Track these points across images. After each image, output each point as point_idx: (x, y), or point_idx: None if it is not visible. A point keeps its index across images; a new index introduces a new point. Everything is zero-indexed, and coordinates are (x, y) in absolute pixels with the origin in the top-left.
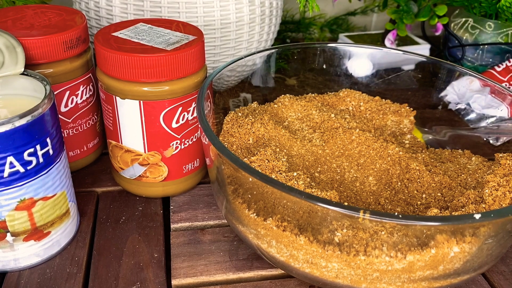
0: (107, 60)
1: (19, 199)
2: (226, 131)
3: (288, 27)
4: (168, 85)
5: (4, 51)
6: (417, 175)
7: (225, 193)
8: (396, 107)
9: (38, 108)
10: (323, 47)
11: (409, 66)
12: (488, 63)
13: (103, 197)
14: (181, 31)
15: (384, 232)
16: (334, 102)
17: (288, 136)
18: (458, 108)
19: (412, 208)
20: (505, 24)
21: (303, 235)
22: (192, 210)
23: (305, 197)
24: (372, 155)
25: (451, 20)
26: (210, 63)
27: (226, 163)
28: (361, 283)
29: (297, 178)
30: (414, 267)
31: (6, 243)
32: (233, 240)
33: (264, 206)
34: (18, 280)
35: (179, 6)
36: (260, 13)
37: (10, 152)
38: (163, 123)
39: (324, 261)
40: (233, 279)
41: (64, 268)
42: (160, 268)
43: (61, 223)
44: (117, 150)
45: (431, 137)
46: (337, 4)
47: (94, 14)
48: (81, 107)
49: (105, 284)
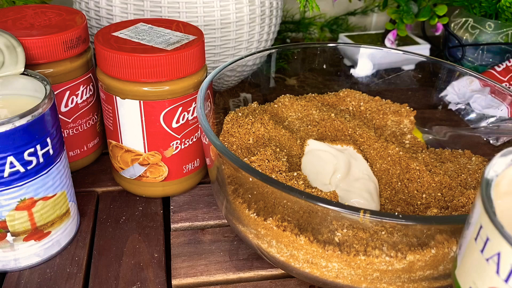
0: (107, 60)
1: (19, 199)
2: (226, 131)
3: (288, 27)
4: (168, 85)
5: (4, 51)
6: (417, 175)
7: (225, 193)
8: (396, 107)
9: (38, 108)
10: (323, 47)
11: (409, 66)
12: (488, 63)
13: (103, 197)
14: (181, 31)
15: (384, 232)
16: (334, 102)
17: (288, 136)
18: (458, 108)
19: (412, 208)
20: (505, 24)
21: (303, 235)
22: (192, 210)
23: (305, 197)
24: (373, 155)
25: (451, 20)
26: (210, 63)
27: (226, 163)
28: (361, 283)
29: (297, 178)
30: (414, 267)
31: (6, 243)
32: (233, 240)
33: (264, 206)
34: (18, 280)
35: (179, 6)
36: (260, 13)
37: (10, 152)
38: (163, 123)
39: (324, 261)
40: (233, 279)
41: (64, 268)
42: (160, 268)
43: (61, 223)
44: (117, 150)
45: (431, 137)
46: (337, 4)
47: (94, 14)
48: (81, 107)
49: (105, 284)
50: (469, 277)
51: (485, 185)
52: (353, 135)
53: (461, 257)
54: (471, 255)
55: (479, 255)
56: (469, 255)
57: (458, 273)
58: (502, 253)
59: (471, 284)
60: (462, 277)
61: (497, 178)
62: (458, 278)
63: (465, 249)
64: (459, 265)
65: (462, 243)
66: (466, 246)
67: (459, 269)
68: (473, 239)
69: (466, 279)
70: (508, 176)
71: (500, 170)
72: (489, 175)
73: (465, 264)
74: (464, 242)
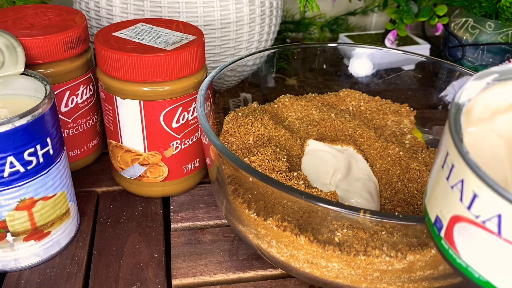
0: (107, 60)
1: (19, 199)
2: (226, 131)
3: (288, 27)
4: (168, 85)
5: (4, 51)
6: (417, 175)
7: (225, 193)
8: (396, 107)
9: (38, 108)
10: (323, 47)
11: (409, 66)
12: (488, 63)
13: (103, 197)
14: (181, 31)
15: (384, 232)
16: (334, 102)
17: (288, 136)
18: None
19: (412, 208)
20: (505, 24)
21: (303, 235)
22: (192, 210)
23: (305, 197)
24: (373, 155)
25: (451, 20)
26: (210, 63)
27: (226, 163)
28: (362, 283)
29: (297, 178)
30: (414, 267)
31: (6, 243)
32: (233, 240)
33: (264, 206)
34: (18, 280)
35: (179, 6)
36: (260, 13)
37: (10, 152)
38: (163, 123)
39: (324, 261)
40: (233, 279)
41: (64, 268)
42: (160, 268)
43: (61, 223)
44: (117, 150)
45: (431, 137)
46: (337, 4)
47: (94, 14)
48: (81, 107)
49: (105, 284)
50: (437, 206)
51: (454, 110)
52: (353, 135)
53: (430, 185)
54: (438, 183)
55: (445, 182)
56: (436, 183)
57: (427, 201)
58: (466, 180)
59: (438, 212)
60: (430, 205)
61: (469, 103)
62: (427, 206)
63: (433, 177)
64: (428, 194)
65: (432, 171)
66: (434, 174)
67: (428, 198)
68: (440, 166)
69: (433, 207)
70: (482, 102)
71: (473, 95)
72: (460, 99)
73: (433, 192)
74: (433, 169)
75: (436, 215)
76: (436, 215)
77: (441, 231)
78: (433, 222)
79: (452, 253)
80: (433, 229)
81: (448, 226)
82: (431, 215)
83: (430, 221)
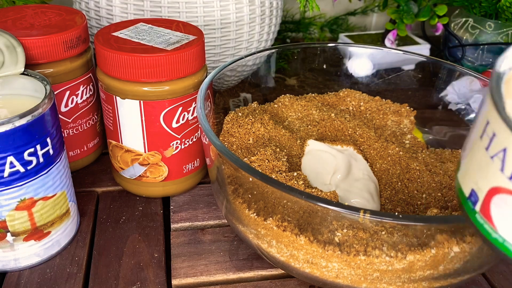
0: (107, 60)
1: (19, 199)
2: (226, 131)
3: (288, 27)
4: (168, 85)
5: (4, 51)
6: (417, 175)
7: (225, 193)
8: (396, 107)
9: (38, 108)
10: (323, 47)
11: (409, 66)
12: (488, 63)
13: (103, 197)
14: (181, 31)
15: (384, 232)
16: (334, 102)
17: (288, 136)
18: (458, 108)
19: (412, 208)
20: (505, 24)
21: (303, 235)
22: (192, 210)
23: (305, 197)
24: (373, 155)
25: (451, 20)
26: (210, 63)
27: (226, 163)
28: (361, 283)
29: (297, 178)
30: (414, 267)
31: (6, 243)
32: (233, 240)
33: (264, 206)
34: (18, 280)
35: (179, 6)
36: (260, 13)
37: (10, 152)
38: (163, 123)
39: (324, 261)
40: (233, 279)
41: (64, 268)
42: (160, 268)
43: (61, 223)
44: (117, 150)
45: (431, 137)
46: (337, 4)
47: (94, 14)
48: (81, 107)
49: (105, 284)
50: (472, 178)
51: (495, 79)
52: (353, 135)
53: (464, 159)
54: (475, 155)
55: (484, 153)
56: (472, 155)
57: (461, 175)
58: (509, 149)
59: (473, 185)
60: (464, 179)
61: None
62: (460, 180)
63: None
64: (461, 168)
65: (466, 144)
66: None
67: (461, 171)
68: (478, 137)
69: (468, 181)
70: None
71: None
72: (501, 68)
73: (468, 165)
74: (469, 142)
75: (471, 188)
76: (472, 189)
77: (476, 204)
78: (467, 196)
79: (487, 227)
80: (466, 203)
81: (485, 199)
82: (465, 189)
83: (463, 195)
